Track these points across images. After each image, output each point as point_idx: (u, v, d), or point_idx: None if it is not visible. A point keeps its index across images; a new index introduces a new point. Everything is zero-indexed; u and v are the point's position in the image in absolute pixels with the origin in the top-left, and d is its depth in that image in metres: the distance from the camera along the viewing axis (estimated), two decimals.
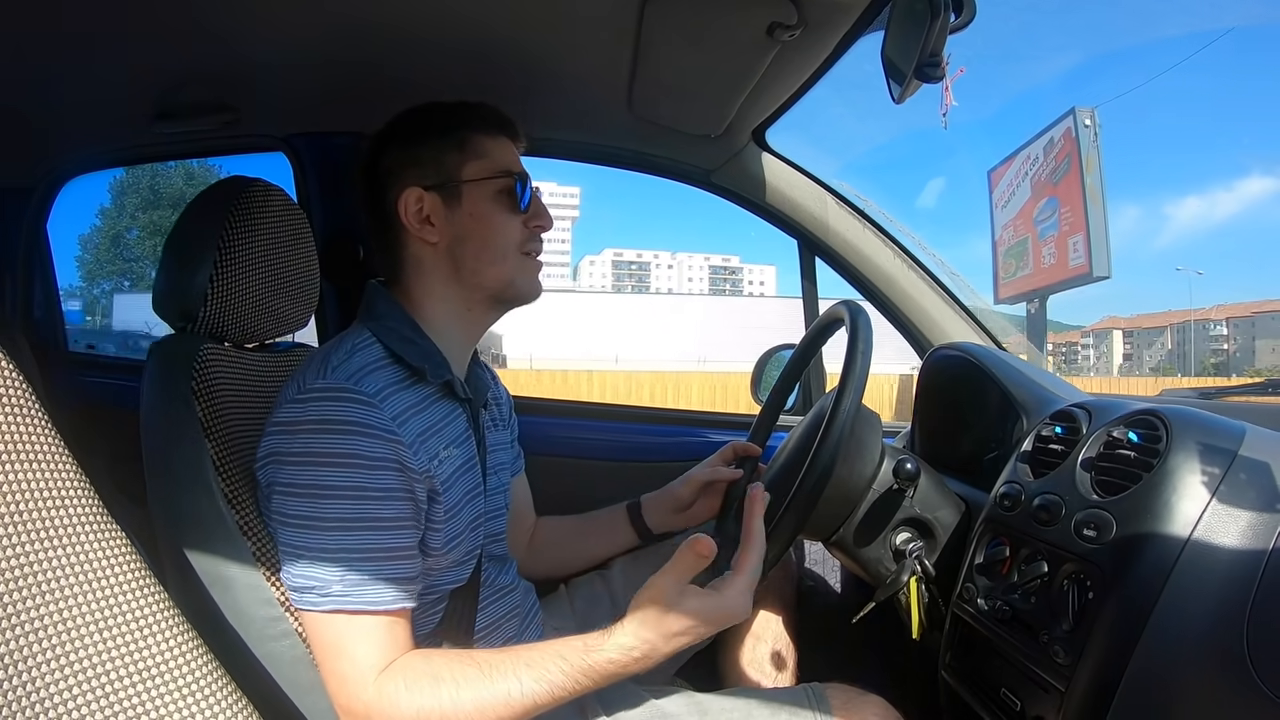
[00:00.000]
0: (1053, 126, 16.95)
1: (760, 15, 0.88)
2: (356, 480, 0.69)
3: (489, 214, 0.82)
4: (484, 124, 0.85)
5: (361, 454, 0.69)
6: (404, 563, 0.71)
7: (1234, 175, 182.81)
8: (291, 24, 0.99)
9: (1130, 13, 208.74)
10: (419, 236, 0.81)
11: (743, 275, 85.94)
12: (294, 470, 0.69)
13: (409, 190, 0.81)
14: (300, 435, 0.70)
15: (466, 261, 0.82)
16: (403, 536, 0.71)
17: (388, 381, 0.74)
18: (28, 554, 0.49)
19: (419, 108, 0.85)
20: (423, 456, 0.74)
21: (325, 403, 0.70)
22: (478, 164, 0.83)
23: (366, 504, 0.69)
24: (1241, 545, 0.62)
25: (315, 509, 0.68)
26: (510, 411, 1.03)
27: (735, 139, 1.32)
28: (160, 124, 1.25)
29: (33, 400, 0.51)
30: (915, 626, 0.85)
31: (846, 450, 0.79)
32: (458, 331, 0.85)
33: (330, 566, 0.68)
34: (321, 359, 0.74)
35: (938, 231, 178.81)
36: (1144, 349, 62.34)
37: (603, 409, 1.76)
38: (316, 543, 0.68)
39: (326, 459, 0.69)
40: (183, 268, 0.86)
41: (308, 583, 0.69)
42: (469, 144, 0.83)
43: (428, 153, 0.82)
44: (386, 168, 0.82)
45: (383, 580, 0.69)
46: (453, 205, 0.82)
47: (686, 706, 0.81)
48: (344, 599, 0.68)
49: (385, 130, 0.85)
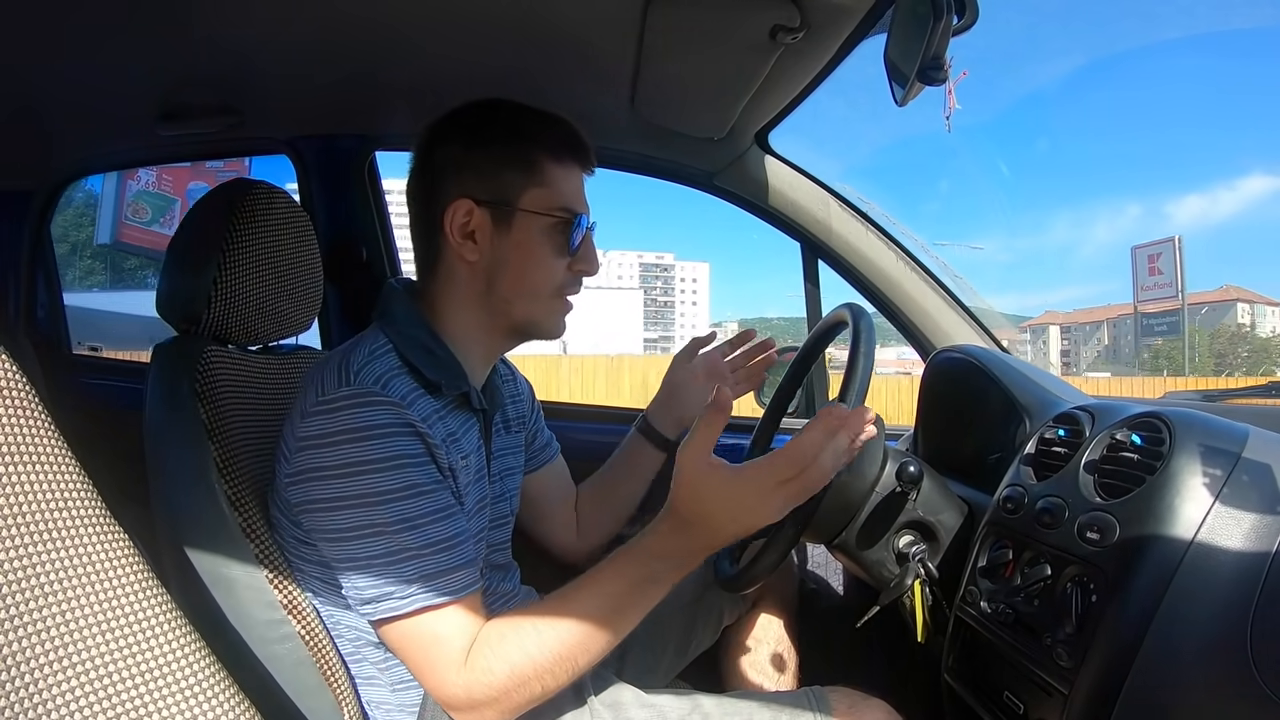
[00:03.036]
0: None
1: (763, 18, 0.88)
2: (408, 479, 0.68)
3: (536, 249, 0.78)
4: (556, 147, 0.79)
5: (404, 453, 0.68)
6: (467, 544, 0.71)
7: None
8: (295, 26, 0.99)
9: (1132, 14, 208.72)
10: (458, 250, 0.77)
11: (675, 273, 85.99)
12: (339, 483, 0.67)
13: (460, 201, 0.76)
14: (336, 447, 0.67)
15: (499, 289, 0.79)
16: (460, 520, 0.71)
17: (409, 388, 0.73)
18: (30, 554, 0.49)
19: (489, 103, 0.80)
20: (450, 458, 0.73)
21: (355, 409, 0.68)
22: (538, 192, 0.77)
23: (422, 499, 0.68)
24: (1245, 548, 0.61)
25: (372, 516, 0.67)
26: (531, 405, 1.02)
27: (738, 142, 1.32)
28: (164, 127, 1.26)
29: (35, 401, 0.51)
30: (920, 630, 0.85)
31: None
32: (477, 346, 0.82)
33: (402, 567, 0.67)
34: (340, 365, 0.72)
35: (939, 232, 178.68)
36: (1081, 344, 63.07)
37: (603, 410, 1.76)
38: (382, 548, 0.67)
39: (370, 466, 0.67)
40: (186, 270, 0.86)
41: (382, 590, 0.67)
42: (535, 168, 0.77)
43: (489, 163, 0.77)
44: (441, 165, 0.78)
45: (455, 567, 0.69)
46: (501, 229, 0.77)
47: (688, 709, 0.81)
48: (427, 595, 0.68)
49: (448, 120, 0.80)
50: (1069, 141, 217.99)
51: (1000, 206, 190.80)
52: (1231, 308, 61.69)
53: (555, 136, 0.79)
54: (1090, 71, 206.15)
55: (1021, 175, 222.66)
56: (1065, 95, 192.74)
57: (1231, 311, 61.43)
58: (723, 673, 1.09)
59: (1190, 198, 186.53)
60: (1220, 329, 62.46)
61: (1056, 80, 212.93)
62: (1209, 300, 63.28)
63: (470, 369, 0.81)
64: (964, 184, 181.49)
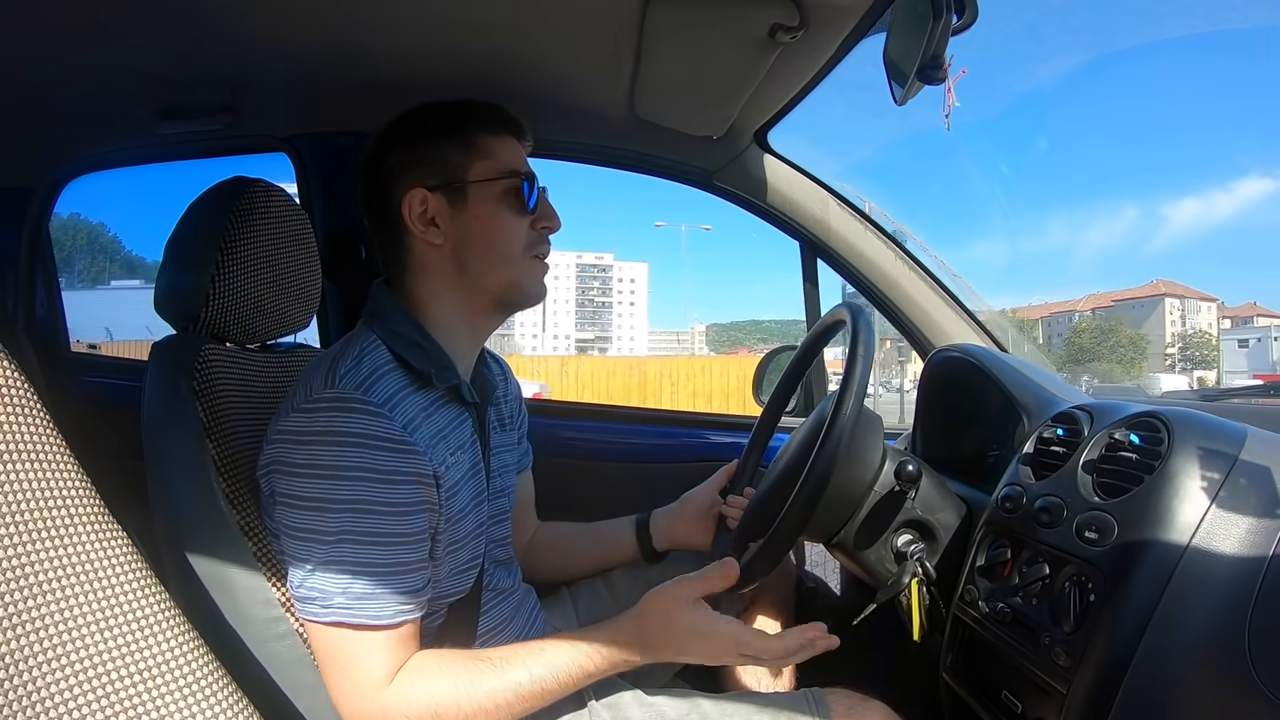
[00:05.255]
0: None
1: (762, 17, 0.88)
2: (363, 494, 0.67)
3: (495, 215, 0.81)
4: (490, 123, 0.83)
5: (369, 468, 0.68)
6: (410, 576, 0.70)
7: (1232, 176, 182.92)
8: (293, 24, 0.98)
9: (1132, 12, 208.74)
10: (423, 238, 0.80)
11: (613, 273, 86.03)
12: (299, 482, 0.68)
13: (413, 191, 0.79)
14: (307, 446, 0.68)
15: (472, 264, 0.81)
16: (410, 551, 0.70)
17: (398, 387, 0.73)
18: (29, 553, 0.49)
19: (422, 106, 0.83)
20: (437, 458, 0.73)
21: (333, 413, 0.69)
22: (484, 164, 0.81)
23: (370, 519, 0.68)
24: (1241, 552, 0.62)
25: (319, 521, 0.67)
26: (520, 407, 1.02)
27: (737, 141, 1.32)
28: (162, 124, 1.25)
29: (34, 400, 0.51)
30: (916, 629, 0.85)
31: (848, 452, 0.78)
32: (463, 333, 0.83)
33: (333, 579, 0.67)
34: (329, 366, 0.73)
35: (940, 233, 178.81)
36: (1021, 341, 64.52)
37: (603, 410, 1.76)
38: (320, 555, 0.68)
39: (333, 471, 0.67)
40: (184, 268, 0.86)
41: (310, 593, 0.68)
42: (475, 144, 0.81)
43: (432, 153, 0.80)
44: (390, 168, 0.81)
45: (387, 594, 0.69)
46: (458, 206, 0.80)
47: (687, 709, 0.81)
48: (346, 612, 0.68)
49: (388, 130, 0.83)
50: (1067, 142, 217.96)
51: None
52: (1159, 303, 62.41)
53: (486, 113, 0.83)
54: (1090, 71, 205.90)
55: (1020, 176, 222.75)
56: (1067, 95, 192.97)
57: (1159, 307, 62.22)
58: (721, 672, 1.09)
59: (1187, 199, 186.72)
60: (1081, 324, 63.79)
61: (1056, 78, 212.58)
62: (1137, 296, 64.15)
63: (459, 359, 0.82)
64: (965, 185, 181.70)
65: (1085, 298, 62.87)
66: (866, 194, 1.38)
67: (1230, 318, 64.81)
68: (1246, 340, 53.35)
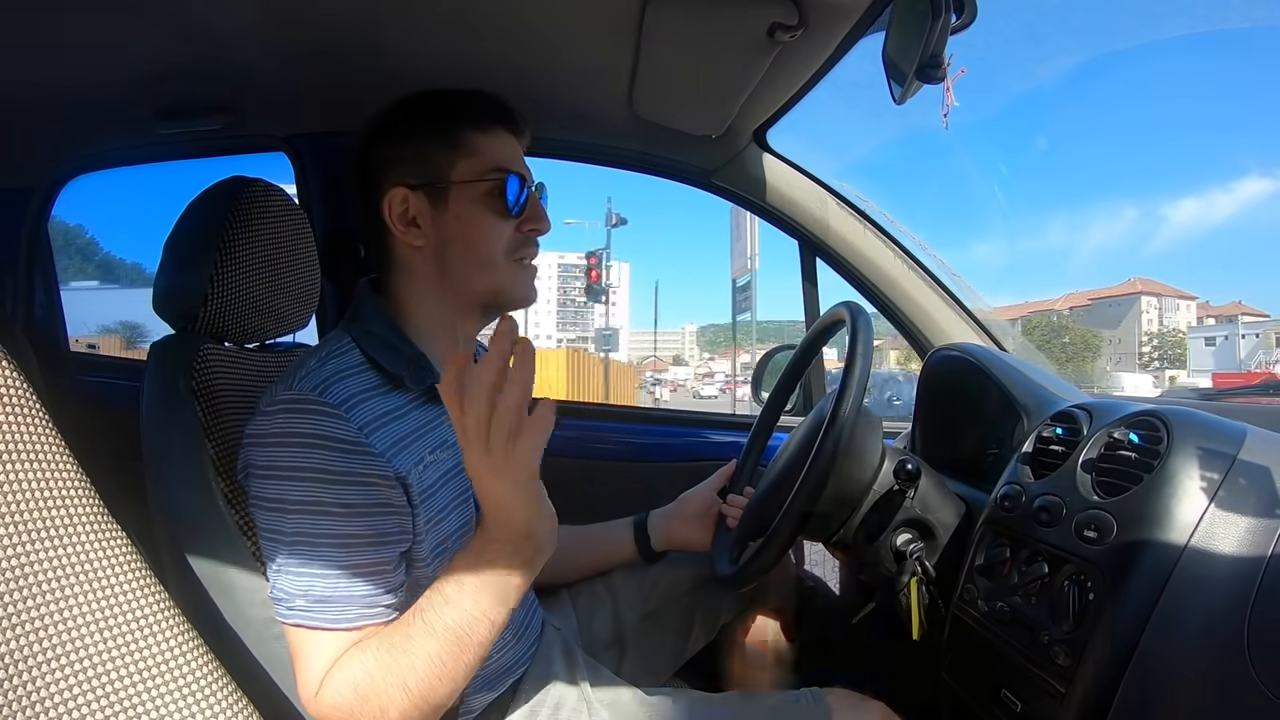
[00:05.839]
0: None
1: (761, 16, 0.88)
2: (317, 495, 0.66)
3: (475, 217, 0.78)
4: (478, 116, 0.79)
5: (322, 468, 0.66)
6: (373, 579, 0.68)
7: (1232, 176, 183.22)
8: (292, 24, 0.98)
9: (1131, 12, 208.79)
10: (404, 239, 0.78)
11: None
12: (261, 483, 0.67)
13: (394, 190, 0.77)
14: (266, 447, 0.67)
15: (454, 267, 0.78)
16: (369, 553, 0.68)
17: (360, 389, 0.71)
18: (28, 554, 0.49)
19: (408, 99, 0.81)
20: (402, 463, 0.70)
21: (289, 415, 0.67)
22: (468, 162, 0.78)
23: (327, 520, 0.66)
24: (1240, 551, 0.62)
25: (278, 523, 0.67)
26: None
27: (736, 140, 1.32)
28: (161, 124, 1.25)
29: (33, 400, 0.51)
30: (915, 628, 0.85)
31: (847, 451, 0.78)
32: (446, 336, 0.81)
33: (294, 580, 0.66)
34: (295, 368, 0.72)
35: (939, 233, 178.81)
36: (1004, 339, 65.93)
37: (603, 409, 1.76)
38: (281, 556, 0.67)
39: (288, 473, 0.66)
40: (183, 268, 0.86)
41: (277, 594, 0.68)
42: (460, 141, 0.78)
43: (416, 149, 0.78)
44: (374, 165, 0.79)
45: (348, 598, 0.67)
46: (439, 207, 0.78)
47: (686, 709, 0.81)
48: (305, 614, 0.66)
49: (374, 125, 0.81)
50: (1066, 142, 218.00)
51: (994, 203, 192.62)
52: (1135, 301, 62.47)
53: (476, 106, 0.80)
54: (1089, 71, 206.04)
55: (1019, 176, 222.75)
56: (1066, 94, 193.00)
57: (1135, 305, 62.27)
58: (720, 671, 1.09)
59: (1187, 200, 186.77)
60: (1034, 322, 64.03)
61: (1055, 77, 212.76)
62: (1114, 295, 64.31)
63: (439, 360, 0.79)
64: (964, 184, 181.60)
65: (1063, 297, 63.25)
66: (865, 193, 1.37)
67: (1215, 316, 64.90)
68: (1213, 338, 53.51)
